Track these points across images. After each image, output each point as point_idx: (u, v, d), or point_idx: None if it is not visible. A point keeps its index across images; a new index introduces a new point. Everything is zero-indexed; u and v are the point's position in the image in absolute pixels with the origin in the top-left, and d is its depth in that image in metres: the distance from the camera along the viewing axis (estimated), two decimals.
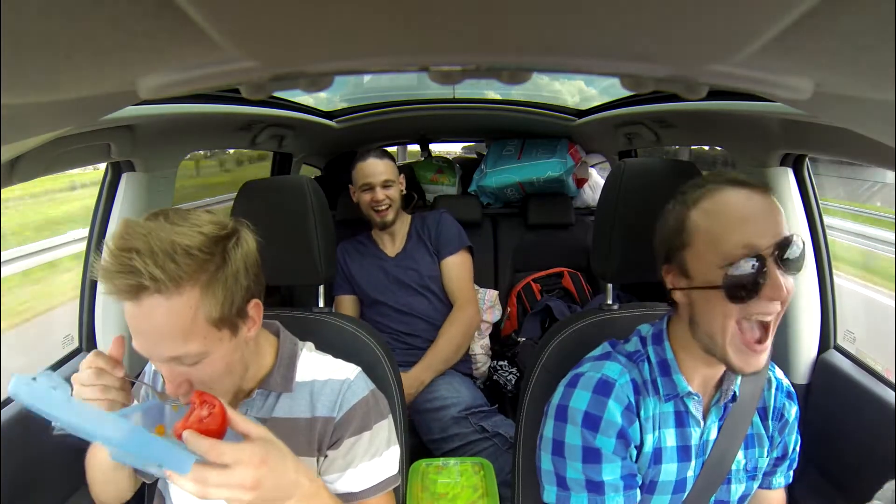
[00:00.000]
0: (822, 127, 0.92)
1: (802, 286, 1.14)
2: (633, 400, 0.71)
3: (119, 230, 0.60)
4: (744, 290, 0.62)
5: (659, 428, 0.72)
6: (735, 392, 0.73)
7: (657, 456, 0.72)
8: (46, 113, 0.34)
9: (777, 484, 0.82)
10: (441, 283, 1.59)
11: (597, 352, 0.79)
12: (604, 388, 0.70)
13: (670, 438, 0.72)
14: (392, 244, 1.64)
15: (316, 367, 0.81)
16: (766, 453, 0.78)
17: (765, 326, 0.64)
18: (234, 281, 0.65)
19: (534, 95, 1.99)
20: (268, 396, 0.77)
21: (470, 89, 1.98)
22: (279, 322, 0.85)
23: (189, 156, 1.39)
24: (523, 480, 0.91)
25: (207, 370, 0.65)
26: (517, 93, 1.98)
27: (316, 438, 0.76)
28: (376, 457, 0.78)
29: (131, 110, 0.89)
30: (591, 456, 0.69)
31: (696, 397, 0.72)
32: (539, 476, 0.76)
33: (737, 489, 0.76)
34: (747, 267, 0.61)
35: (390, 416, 0.82)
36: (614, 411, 0.69)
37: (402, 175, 1.66)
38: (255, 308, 0.71)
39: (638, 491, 0.72)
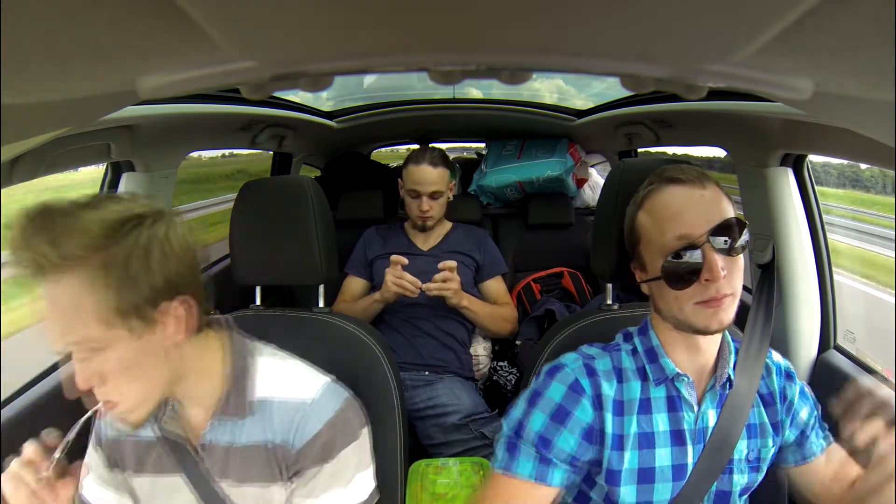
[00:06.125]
0: (822, 127, 0.92)
1: (802, 286, 1.14)
2: (583, 381, 0.74)
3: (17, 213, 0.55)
4: (682, 276, 0.68)
5: (649, 412, 0.74)
6: (730, 375, 0.75)
7: (648, 440, 0.74)
8: (46, 113, 0.34)
9: (819, 447, 0.80)
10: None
11: None
12: (551, 371, 0.76)
13: (661, 423, 0.75)
14: (425, 241, 1.62)
15: (273, 381, 0.72)
16: (770, 443, 0.78)
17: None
18: (142, 264, 0.57)
19: (513, 95, 1.97)
20: (226, 424, 0.70)
21: (466, 90, 1.98)
22: (276, 321, 0.83)
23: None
24: None
25: (107, 365, 0.59)
26: (498, 92, 1.96)
27: (277, 466, 0.70)
28: (340, 487, 0.71)
29: (131, 110, 0.89)
30: (520, 429, 0.74)
31: (685, 379, 0.74)
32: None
33: (739, 479, 0.76)
34: (684, 255, 0.68)
35: (365, 430, 0.74)
36: (555, 390, 0.74)
37: (454, 182, 1.63)
38: (181, 308, 0.61)
39: (574, 474, 0.74)
